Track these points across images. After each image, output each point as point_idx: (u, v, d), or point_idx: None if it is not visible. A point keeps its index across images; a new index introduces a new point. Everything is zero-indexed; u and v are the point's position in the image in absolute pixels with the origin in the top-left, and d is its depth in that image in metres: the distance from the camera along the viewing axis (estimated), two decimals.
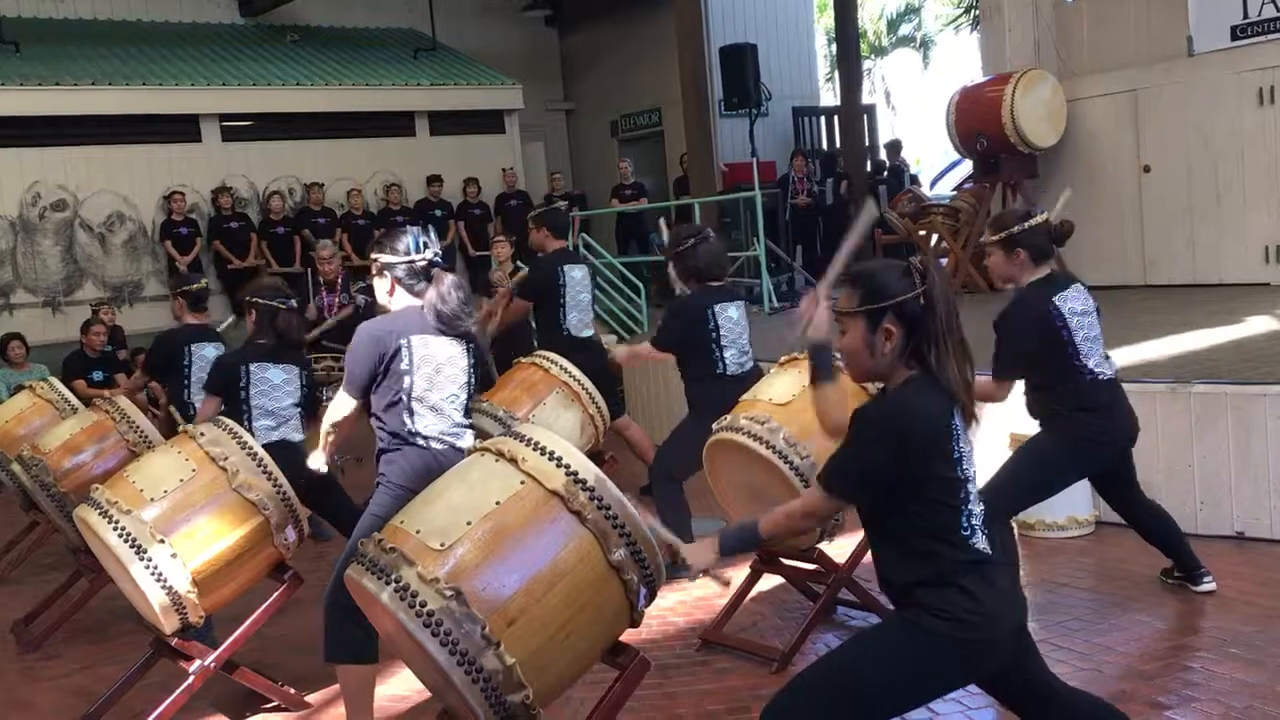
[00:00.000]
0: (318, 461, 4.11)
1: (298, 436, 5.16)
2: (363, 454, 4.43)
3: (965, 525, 2.60)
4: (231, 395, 5.16)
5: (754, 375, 5.20)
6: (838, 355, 2.85)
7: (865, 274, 2.68)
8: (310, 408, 5.32)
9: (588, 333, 6.90)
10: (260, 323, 5.20)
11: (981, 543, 2.62)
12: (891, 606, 2.76)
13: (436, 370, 3.79)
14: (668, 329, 5.49)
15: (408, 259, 3.83)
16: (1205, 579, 4.67)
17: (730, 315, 5.37)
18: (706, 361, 5.35)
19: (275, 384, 5.16)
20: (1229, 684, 3.85)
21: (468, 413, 3.94)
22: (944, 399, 2.60)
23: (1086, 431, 4.32)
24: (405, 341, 3.75)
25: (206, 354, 6.00)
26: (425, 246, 3.85)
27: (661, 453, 5.59)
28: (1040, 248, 4.35)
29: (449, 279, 3.82)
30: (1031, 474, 4.36)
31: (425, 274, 3.84)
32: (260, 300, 5.22)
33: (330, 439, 4.05)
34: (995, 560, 2.65)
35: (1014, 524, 5.52)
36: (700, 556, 2.85)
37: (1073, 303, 4.32)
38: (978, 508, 2.65)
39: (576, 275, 6.89)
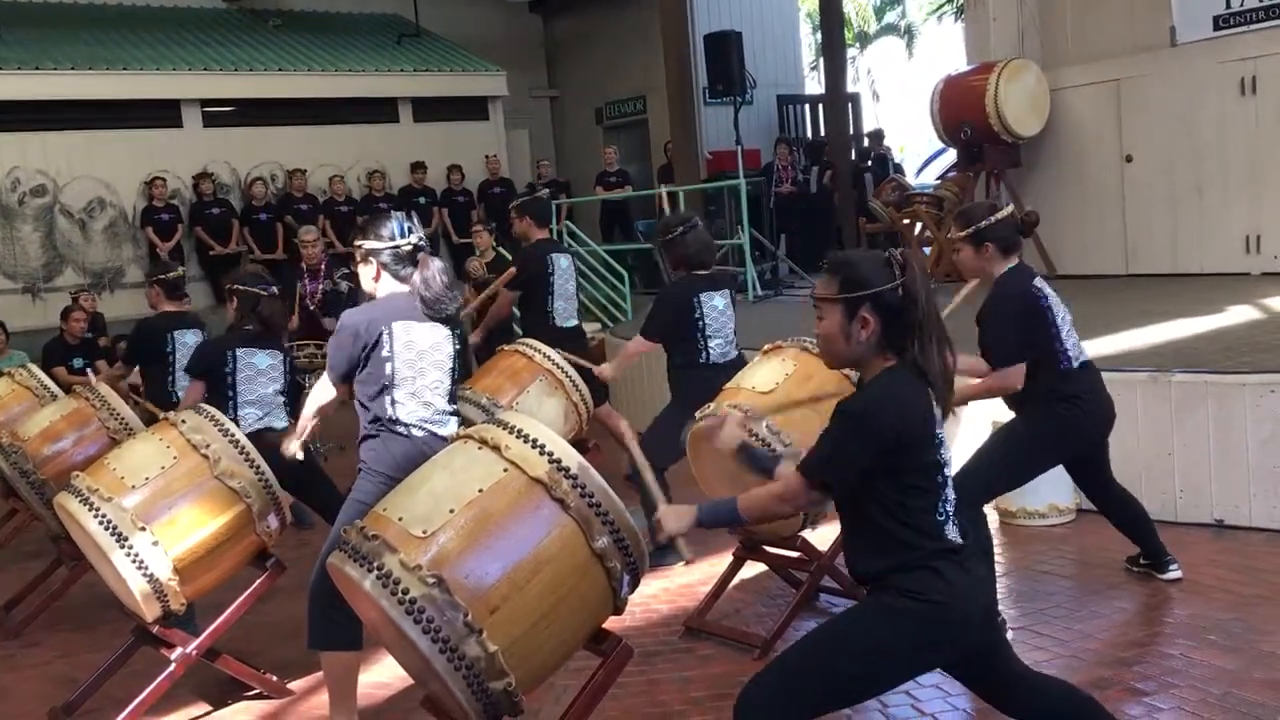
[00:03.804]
0: (293, 448, 4.14)
1: (281, 424, 5.17)
2: (345, 442, 4.43)
3: (940, 512, 2.64)
4: (217, 381, 5.14)
5: (737, 364, 5.20)
6: (777, 449, 2.99)
7: (845, 263, 2.71)
8: (292, 394, 5.32)
9: (572, 322, 6.89)
10: (242, 310, 5.20)
11: (953, 533, 2.65)
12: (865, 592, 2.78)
13: (419, 356, 3.79)
14: (655, 319, 5.50)
15: (393, 244, 3.83)
16: (1172, 566, 4.69)
17: (716, 304, 5.39)
18: (691, 350, 5.38)
19: (261, 369, 5.16)
20: (1207, 670, 3.88)
21: (453, 399, 3.94)
22: (923, 389, 2.63)
23: (1061, 419, 4.31)
24: (386, 329, 3.75)
25: (188, 340, 5.98)
26: (410, 232, 3.85)
27: (644, 442, 5.54)
28: (1008, 240, 4.32)
29: (434, 264, 3.83)
30: (1005, 460, 4.34)
31: (411, 259, 3.84)
32: (242, 287, 5.22)
33: (311, 424, 4.11)
34: (967, 548, 2.67)
35: (993, 511, 5.58)
36: (676, 521, 2.87)
37: (1048, 287, 4.35)
38: (952, 494, 2.68)
39: (564, 264, 6.88)
